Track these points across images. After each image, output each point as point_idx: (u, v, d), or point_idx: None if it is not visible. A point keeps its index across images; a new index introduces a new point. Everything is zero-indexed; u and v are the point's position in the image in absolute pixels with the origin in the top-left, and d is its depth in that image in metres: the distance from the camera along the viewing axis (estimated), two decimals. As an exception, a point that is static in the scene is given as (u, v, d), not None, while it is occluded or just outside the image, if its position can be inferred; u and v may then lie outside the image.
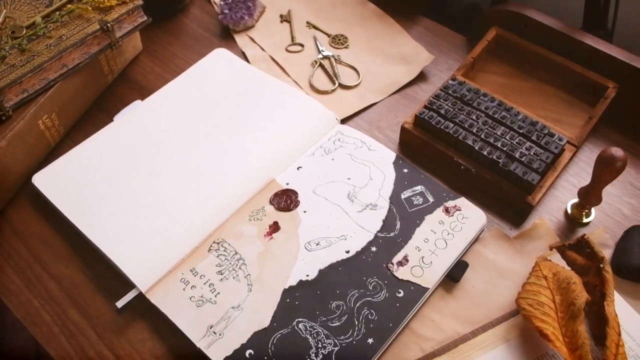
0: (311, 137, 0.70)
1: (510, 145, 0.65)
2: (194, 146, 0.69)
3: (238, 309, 0.56)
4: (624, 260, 0.59)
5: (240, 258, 0.60)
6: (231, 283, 0.58)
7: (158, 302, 0.57)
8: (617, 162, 0.57)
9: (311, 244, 0.61)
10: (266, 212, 0.63)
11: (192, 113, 0.72)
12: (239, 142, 0.69)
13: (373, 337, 0.55)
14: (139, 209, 0.63)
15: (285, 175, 0.67)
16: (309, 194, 0.65)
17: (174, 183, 0.65)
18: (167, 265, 0.59)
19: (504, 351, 0.55)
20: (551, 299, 0.54)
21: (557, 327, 0.52)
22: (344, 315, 0.56)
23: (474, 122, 0.67)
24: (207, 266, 0.59)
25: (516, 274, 0.60)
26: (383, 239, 0.61)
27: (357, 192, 0.64)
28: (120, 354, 0.57)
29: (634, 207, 0.66)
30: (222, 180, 0.66)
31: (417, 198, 0.64)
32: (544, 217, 0.66)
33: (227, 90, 0.74)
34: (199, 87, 0.75)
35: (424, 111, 0.69)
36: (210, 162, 0.67)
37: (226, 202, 0.64)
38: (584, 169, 0.70)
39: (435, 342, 0.57)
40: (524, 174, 0.63)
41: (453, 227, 0.62)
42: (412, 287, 0.58)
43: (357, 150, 0.68)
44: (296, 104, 0.73)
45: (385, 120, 0.75)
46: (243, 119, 0.71)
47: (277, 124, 0.71)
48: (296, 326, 0.55)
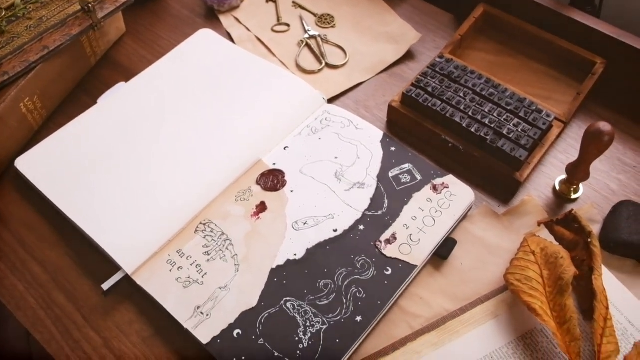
0: (298, 117, 0.69)
1: (498, 122, 0.65)
2: (180, 128, 0.68)
3: (225, 289, 0.56)
4: (612, 235, 0.59)
5: (227, 239, 0.59)
6: (218, 263, 0.58)
7: (144, 283, 0.57)
8: (605, 136, 0.56)
9: (299, 223, 0.60)
10: (253, 193, 0.63)
11: (177, 94, 0.71)
12: (225, 123, 0.68)
13: (361, 315, 0.54)
14: (124, 191, 0.62)
15: (272, 156, 0.66)
16: (296, 174, 0.64)
17: (160, 165, 0.65)
18: (153, 247, 0.59)
19: (492, 326, 0.55)
20: (539, 274, 0.54)
21: (545, 301, 0.52)
22: (332, 293, 0.55)
23: (461, 100, 0.67)
24: (193, 247, 0.59)
25: (505, 251, 0.60)
26: (371, 217, 0.60)
27: (345, 171, 0.64)
28: (107, 336, 0.56)
29: (622, 183, 0.66)
30: (208, 161, 0.65)
31: (405, 176, 0.64)
32: (533, 194, 0.65)
33: (212, 71, 0.73)
34: (183, 69, 0.74)
35: (411, 89, 0.68)
36: (196, 143, 0.66)
37: (212, 183, 0.63)
38: (572, 145, 0.70)
39: (424, 319, 0.57)
40: (512, 150, 0.63)
41: (441, 204, 0.61)
42: (400, 265, 0.57)
43: (344, 130, 0.68)
44: (282, 84, 0.72)
45: (373, 99, 0.74)
46: (229, 99, 0.70)
47: (263, 104, 0.70)
48: (284, 305, 0.55)
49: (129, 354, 0.55)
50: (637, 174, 0.67)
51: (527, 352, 0.53)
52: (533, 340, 0.54)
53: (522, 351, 0.53)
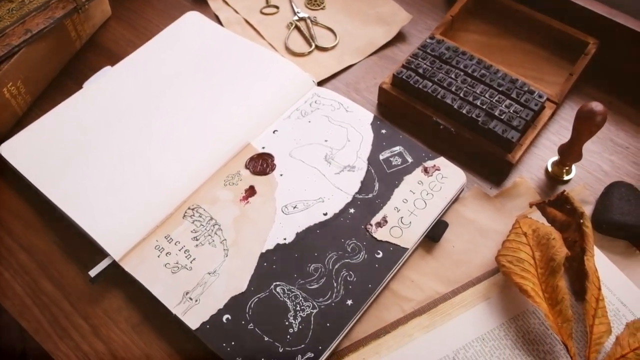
0: (287, 100, 0.68)
1: (490, 104, 0.64)
2: (167, 112, 0.67)
3: (214, 275, 0.55)
4: (604, 216, 0.59)
5: (215, 223, 0.58)
6: (207, 249, 0.57)
7: (132, 270, 0.56)
8: (597, 116, 0.56)
9: (288, 207, 0.59)
10: (242, 177, 0.62)
11: (164, 78, 0.70)
12: (213, 107, 0.67)
13: (352, 299, 0.54)
14: (111, 177, 0.61)
15: (261, 139, 0.65)
16: (286, 157, 0.63)
17: (147, 150, 0.64)
18: (141, 233, 0.58)
19: (484, 309, 0.54)
20: (531, 256, 0.53)
21: (537, 283, 0.52)
22: (322, 277, 0.55)
23: (452, 81, 0.66)
24: (182, 232, 0.58)
25: (497, 233, 0.60)
26: (361, 200, 0.60)
27: (335, 154, 0.63)
28: (96, 323, 0.55)
29: (614, 164, 0.66)
30: (196, 145, 0.64)
31: (396, 159, 0.63)
32: (525, 176, 0.65)
33: (200, 55, 0.72)
34: (171, 52, 0.73)
35: (402, 70, 0.67)
36: (183, 127, 0.65)
37: (201, 168, 0.62)
38: (564, 126, 0.69)
39: (415, 302, 0.56)
40: (504, 132, 0.62)
41: (432, 187, 0.61)
42: (391, 248, 0.57)
43: (334, 112, 0.67)
44: (271, 66, 0.71)
45: (363, 82, 0.73)
46: (217, 83, 0.69)
47: (252, 87, 0.69)
48: (274, 290, 0.54)
49: (117, 341, 0.55)
50: (629, 155, 0.67)
51: (519, 333, 0.53)
52: (525, 322, 0.53)
53: (514, 333, 0.53)
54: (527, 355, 0.52)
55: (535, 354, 0.52)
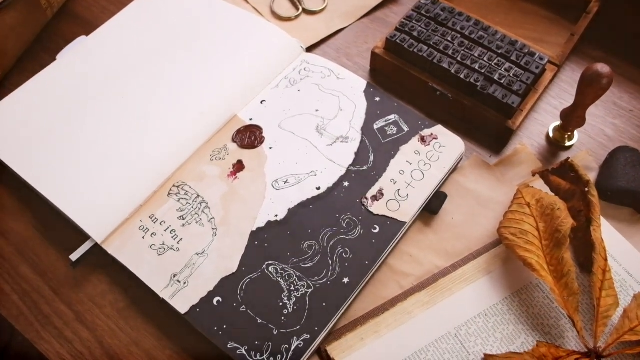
0: (274, 68, 0.64)
1: (489, 67, 0.61)
2: (147, 83, 0.63)
3: (203, 255, 0.52)
4: (609, 183, 0.56)
5: (202, 201, 0.55)
6: (194, 228, 0.54)
7: (116, 252, 0.53)
8: (603, 79, 0.53)
9: (279, 182, 0.56)
10: (229, 151, 0.58)
11: (143, 47, 0.66)
12: (196, 77, 0.63)
13: (348, 277, 0.51)
14: (90, 154, 0.58)
15: (248, 110, 0.61)
16: (275, 129, 0.60)
17: (127, 124, 0.60)
18: (123, 213, 0.55)
19: (486, 283, 0.52)
20: (535, 227, 0.51)
21: (541, 255, 0.49)
22: (316, 255, 0.52)
23: (449, 44, 0.62)
24: (167, 212, 0.55)
25: (497, 203, 0.57)
26: (356, 172, 0.57)
27: (327, 125, 0.60)
28: (80, 310, 0.53)
29: (617, 128, 0.63)
30: (179, 118, 0.60)
31: (391, 128, 0.60)
32: (525, 142, 0.62)
33: (181, 21, 0.68)
34: (149, 19, 0.68)
35: (396, 34, 0.63)
36: (165, 99, 0.62)
37: (185, 142, 0.59)
38: (565, 89, 0.66)
39: (414, 277, 0.54)
40: (504, 97, 0.59)
41: (430, 156, 0.58)
42: (388, 222, 0.54)
43: (325, 80, 0.63)
44: (257, 33, 0.67)
45: (354, 46, 0.69)
46: (199, 51, 0.65)
47: (237, 55, 0.65)
48: (266, 269, 0.52)
49: (103, 326, 0.52)
50: (633, 119, 0.64)
51: (522, 307, 0.51)
52: (529, 296, 0.51)
53: (518, 307, 0.51)
54: (531, 330, 0.50)
55: (540, 329, 0.50)
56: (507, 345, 0.49)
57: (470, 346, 0.49)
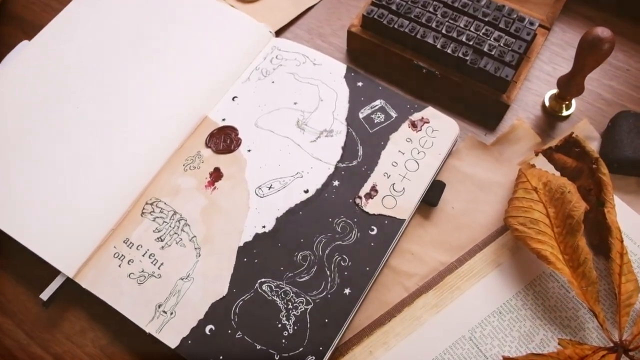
0: (243, 59, 0.58)
1: (477, 38, 0.56)
2: (103, 89, 0.56)
3: (188, 280, 0.48)
4: (615, 154, 0.53)
5: (181, 218, 0.50)
6: (175, 250, 0.49)
7: (91, 286, 0.48)
8: (604, 44, 0.48)
9: (262, 188, 0.51)
10: (203, 158, 0.53)
11: (95, 47, 0.59)
12: (158, 77, 0.57)
13: (349, 287, 0.47)
14: (47, 177, 0.52)
15: (220, 109, 0.56)
16: (251, 129, 0.54)
17: (86, 139, 0.54)
18: (94, 240, 0.49)
19: (496, 278, 0.49)
20: (545, 214, 0.47)
21: (555, 245, 0.46)
22: (312, 266, 0.48)
23: (432, 16, 0.57)
24: (143, 233, 0.50)
25: (498, 185, 0.53)
26: (345, 169, 0.52)
27: (308, 118, 0.55)
28: (58, 351, 0.48)
29: (615, 90, 0.59)
30: (144, 126, 0.54)
31: (378, 115, 0.55)
32: (521, 115, 0.58)
33: (134, 14, 0.61)
34: (98, 14, 0.61)
35: (372, 9, 0.58)
36: (126, 106, 0.55)
37: (154, 153, 0.53)
38: (557, 53, 0.61)
39: (418, 277, 0.50)
40: (496, 70, 0.54)
41: (423, 143, 0.53)
42: (386, 222, 0.50)
43: (300, 67, 0.57)
44: (219, 21, 0.60)
45: (328, 25, 0.63)
46: (157, 46, 0.59)
47: (199, 48, 0.58)
48: (259, 288, 0.47)
49: (87, 368, 0.47)
50: (630, 78, 0.60)
51: (537, 300, 0.47)
52: (543, 287, 0.48)
53: (533, 300, 0.47)
54: (549, 325, 0.46)
55: (559, 322, 0.47)
56: (526, 344, 0.46)
57: (487, 349, 0.46)
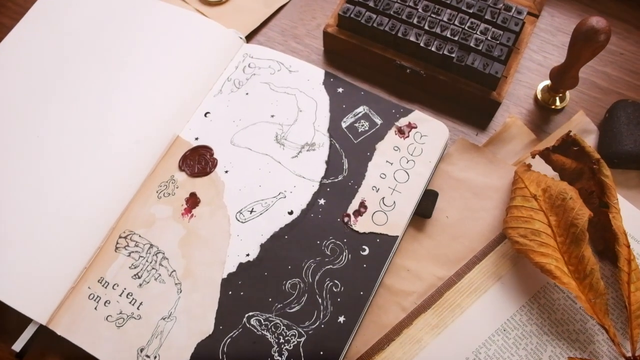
0: (213, 70, 0.54)
1: (462, 33, 0.52)
2: (63, 112, 0.52)
3: (170, 319, 0.44)
4: (615, 149, 0.50)
5: (158, 251, 0.47)
6: (154, 287, 0.46)
7: (66, 332, 0.44)
8: (600, 35, 0.45)
9: (243, 212, 0.48)
10: (178, 183, 0.49)
11: (51, 67, 0.54)
12: (120, 96, 0.53)
13: (344, 314, 0.44)
14: (6, 216, 0.48)
15: (192, 128, 0.52)
16: (227, 147, 0.51)
17: (48, 170, 0.50)
18: (66, 282, 0.46)
19: (498, 292, 0.46)
20: (546, 223, 0.44)
21: (559, 257, 0.43)
22: (303, 295, 0.45)
23: (412, 10, 0.53)
24: (118, 271, 0.46)
25: (494, 190, 0.50)
26: (331, 186, 0.49)
27: (287, 132, 0.51)
28: (37, 405, 0.45)
29: (610, 77, 0.56)
30: (109, 152, 0.50)
31: (362, 123, 0.51)
32: (512, 111, 0.55)
33: (90, 26, 0.56)
34: (53, 30, 0.56)
35: (348, 7, 0.54)
36: (87, 129, 0.51)
37: (123, 181, 0.49)
38: (547, 40, 0.58)
39: (416, 295, 0.47)
40: (485, 66, 0.51)
41: (412, 151, 0.50)
42: (378, 240, 0.47)
43: (276, 76, 0.53)
44: (184, 28, 0.56)
45: (302, 25, 0.59)
46: (117, 63, 0.54)
47: (164, 61, 0.54)
48: (247, 323, 0.44)
49: (69, 420, 0.44)
50: (625, 63, 0.57)
51: (543, 314, 0.45)
52: (548, 299, 0.45)
53: (538, 314, 0.45)
54: (557, 340, 0.44)
55: (567, 336, 0.44)
56: (534, 363, 0.43)
57: (493, 371, 0.43)
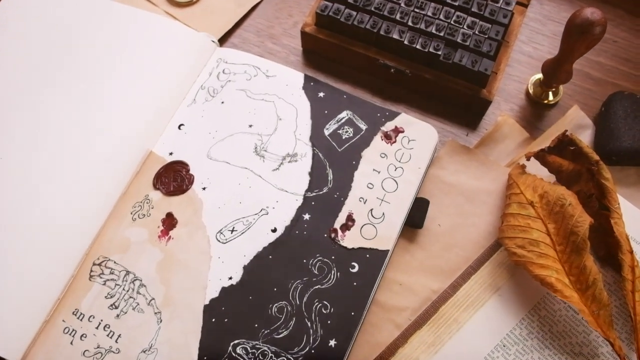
0: (185, 78, 0.51)
1: (449, 28, 0.49)
2: (22, 133, 0.49)
3: (151, 352, 0.42)
4: (613, 145, 0.47)
5: (135, 278, 0.44)
6: (132, 317, 0.43)
7: (41, 371, 0.42)
8: (595, 27, 0.42)
9: (224, 232, 0.45)
10: (153, 202, 0.46)
11: (9, 82, 0.51)
12: (86, 109, 0.49)
13: (335, 337, 0.42)
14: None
15: (165, 142, 0.49)
16: (204, 161, 0.48)
17: (10, 194, 0.46)
18: (39, 315, 0.43)
19: (496, 305, 0.44)
20: (545, 232, 0.42)
21: (560, 268, 0.41)
22: (290, 319, 0.42)
23: (394, 6, 0.50)
24: (93, 301, 0.43)
25: (487, 194, 0.48)
26: (315, 199, 0.46)
27: (267, 143, 0.48)
28: None
29: (604, 67, 0.53)
30: (78, 171, 0.47)
31: (346, 129, 0.48)
32: (503, 107, 0.52)
33: (47, 35, 0.53)
34: (9, 41, 0.52)
35: (327, 5, 0.50)
36: (52, 149, 0.48)
37: (94, 203, 0.46)
38: (537, 29, 0.55)
39: (410, 310, 0.45)
40: (474, 63, 0.48)
41: (400, 157, 0.47)
42: (368, 255, 0.44)
43: (252, 82, 0.50)
44: (151, 33, 0.52)
45: (278, 24, 0.56)
46: (81, 73, 0.51)
47: (131, 69, 0.51)
48: (233, 352, 0.42)
49: None
50: (619, 51, 0.54)
51: (544, 327, 0.43)
52: (548, 310, 0.43)
53: (539, 327, 0.43)
54: (560, 354, 0.42)
55: (570, 349, 0.42)
56: (537, 380, 0.41)
57: (495, 390, 0.41)
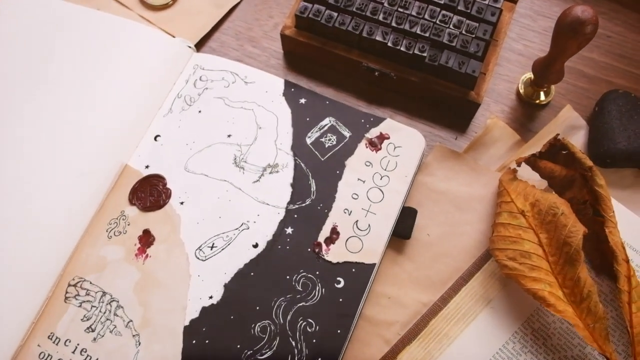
0: (160, 86, 0.49)
1: (434, 28, 0.47)
2: (-4, 147, 0.47)
3: (129, 377, 0.40)
4: (608, 148, 0.45)
5: (112, 299, 0.42)
6: (110, 340, 0.41)
7: (15, 399, 0.40)
8: (587, 26, 0.40)
9: (203, 249, 0.43)
10: (129, 219, 0.44)
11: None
12: (57, 121, 0.47)
13: (321, 356, 0.40)
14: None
15: (141, 154, 0.47)
16: (181, 174, 0.46)
17: (-16, 214, 0.45)
18: (13, 340, 0.41)
19: (488, 317, 0.42)
20: (537, 243, 0.40)
21: (553, 280, 0.39)
22: (274, 339, 0.41)
23: (377, 5, 0.48)
24: (69, 324, 0.42)
25: (478, 200, 0.46)
26: (298, 212, 0.44)
27: (246, 153, 0.46)
28: None
29: (597, 63, 0.51)
30: (50, 186, 0.45)
31: (329, 137, 0.46)
32: (492, 109, 0.50)
33: (16, 45, 0.50)
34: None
35: (306, 6, 0.48)
36: (23, 164, 0.46)
37: (68, 220, 0.44)
38: (527, 26, 0.53)
39: (399, 325, 0.43)
40: (460, 65, 0.46)
41: (385, 165, 0.45)
42: (354, 270, 0.42)
43: (230, 89, 0.48)
44: (124, 39, 0.50)
45: (257, 26, 0.54)
46: (52, 82, 0.49)
47: (104, 78, 0.49)
48: (215, 375, 0.40)
49: None
50: (613, 46, 0.52)
51: (538, 341, 0.41)
52: (542, 323, 0.41)
53: (533, 341, 0.41)
54: (554, 368, 0.40)
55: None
56: (531, 397, 0.40)
57: (487, 408, 0.40)
